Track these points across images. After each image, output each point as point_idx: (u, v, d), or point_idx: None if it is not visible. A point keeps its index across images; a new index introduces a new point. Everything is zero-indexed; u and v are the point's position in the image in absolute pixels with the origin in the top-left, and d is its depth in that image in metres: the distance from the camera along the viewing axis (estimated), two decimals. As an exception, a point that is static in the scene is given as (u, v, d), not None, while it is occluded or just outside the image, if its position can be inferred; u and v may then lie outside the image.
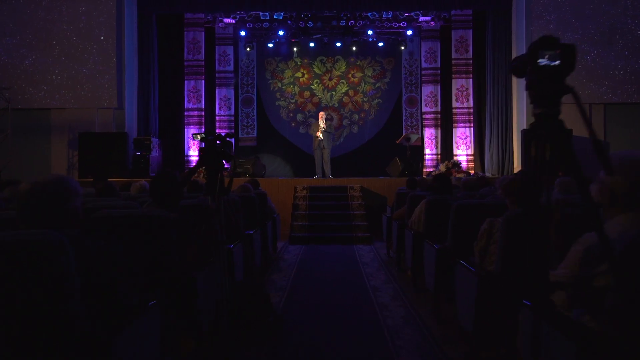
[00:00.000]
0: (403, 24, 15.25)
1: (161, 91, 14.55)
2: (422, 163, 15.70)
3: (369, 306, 5.75)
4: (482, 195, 6.57)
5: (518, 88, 13.58)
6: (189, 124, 14.97)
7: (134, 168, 13.08)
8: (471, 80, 14.96)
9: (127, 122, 13.37)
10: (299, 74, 16.54)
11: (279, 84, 16.54)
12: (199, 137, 13.53)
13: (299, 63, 16.54)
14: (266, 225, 7.83)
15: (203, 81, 15.04)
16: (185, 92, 14.95)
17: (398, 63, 16.53)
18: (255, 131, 16.48)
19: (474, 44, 14.93)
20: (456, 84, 14.99)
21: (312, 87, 16.53)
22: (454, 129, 15.07)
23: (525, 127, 12.98)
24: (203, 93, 15.05)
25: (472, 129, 14.95)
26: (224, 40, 15.73)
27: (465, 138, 14.96)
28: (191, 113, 14.99)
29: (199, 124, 15.02)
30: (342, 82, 16.55)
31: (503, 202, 4.83)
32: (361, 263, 8.20)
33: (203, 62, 15.03)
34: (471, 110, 14.95)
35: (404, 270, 7.43)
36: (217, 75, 15.64)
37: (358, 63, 16.56)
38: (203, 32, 15.04)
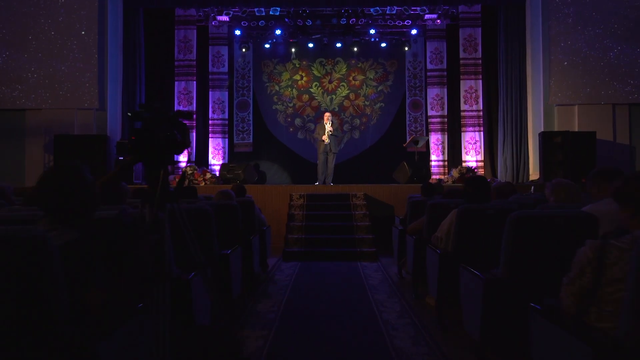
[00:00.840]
0: (407, 22, 13.50)
1: (149, 92, 12.77)
2: (430, 169, 13.90)
3: (382, 353, 3.95)
4: (523, 203, 4.80)
5: (533, 88, 11.81)
6: (179, 128, 13.18)
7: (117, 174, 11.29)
8: (480, 81, 13.19)
9: (109, 124, 11.58)
10: (297, 77, 14.78)
11: (276, 87, 14.77)
12: (130, 115, 11.25)
13: (297, 65, 14.78)
14: (251, 240, 6.01)
15: (195, 82, 13.27)
16: (176, 94, 13.18)
17: (401, 65, 14.77)
18: (251, 136, 14.69)
19: (483, 43, 13.17)
20: (464, 85, 13.22)
21: (311, 90, 14.77)
22: (462, 134, 13.28)
23: (542, 130, 11.22)
24: (194, 95, 13.28)
25: (481, 133, 13.15)
26: (218, 40, 13.97)
27: (475, 143, 13.17)
28: (182, 116, 13.21)
29: (190, 127, 13.23)
30: (343, 85, 14.78)
31: (576, 215, 3.38)
32: (368, 287, 6.35)
33: (195, 62, 13.27)
34: (481, 113, 13.17)
35: (421, 297, 5.62)
36: (210, 77, 13.88)
37: (359, 65, 14.80)
38: (195, 31, 13.29)
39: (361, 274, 7.14)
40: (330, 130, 11.45)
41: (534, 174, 11.63)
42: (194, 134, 13.25)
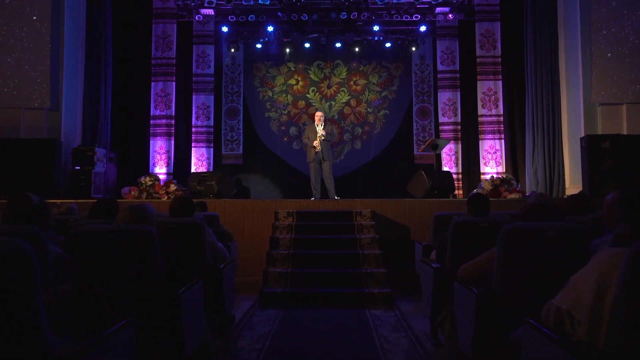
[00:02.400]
0: (416, 16, 10.62)
1: (119, 92, 9.84)
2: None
3: None
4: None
5: (569, 86, 8.87)
6: (155, 135, 10.26)
7: (71, 186, 8.35)
8: (500, 82, 10.28)
9: (64, 127, 8.63)
10: (292, 81, 11.89)
11: (270, 93, 11.88)
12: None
13: (292, 68, 11.91)
14: (180, 297, 2.99)
15: (174, 83, 10.37)
16: (152, 96, 10.27)
17: (407, 68, 11.89)
18: (241, 147, 11.76)
19: (503, 39, 10.30)
20: (482, 87, 10.32)
21: (308, 95, 11.87)
22: (480, 142, 10.34)
23: (583, 134, 8.26)
24: (174, 98, 10.36)
25: (502, 140, 10.21)
26: (204, 38, 11.10)
27: (495, 152, 10.22)
28: (159, 122, 10.29)
29: (168, 134, 10.30)
30: (343, 91, 11.89)
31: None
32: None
33: (174, 61, 10.39)
34: (501, 118, 10.25)
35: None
36: (194, 79, 10.98)
37: (361, 68, 11.92)
38: (175, 25, 10.42)
39: (373, 334, 4.13)
40: (322, 135, 8.49)
41: (572, 186, 8.63)
42: (172, 142, 10.31)
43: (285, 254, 5.78)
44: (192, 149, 10.86)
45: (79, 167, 8.37)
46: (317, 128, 8.55)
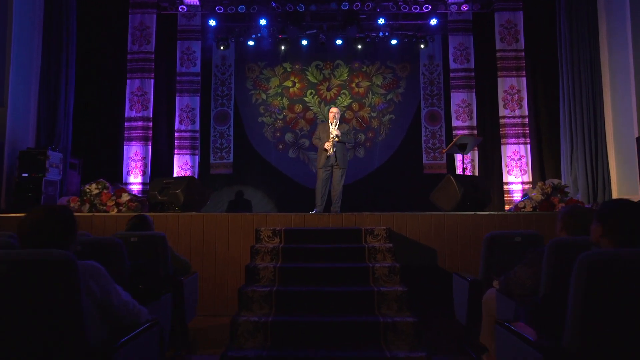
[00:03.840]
0: (426, 7, 8.59)
1: (87, 89, 7.76)
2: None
3: None
4: None
5: (613, 79, 6.78)
6: (130, 139, 8.15)
7: (17, 196, 6.22)
8: (524, 78, 8.20)
9: (10, 125, 6.49)
10: (288, 83, 9.84)
11: (263, 96, 9.82)
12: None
13: (288, 69, 9.86)
14: None
15: (152, 81, 8.28)
16: (127, 95, 8.18)
17: (415, 69, 9.85)
18: (232, 155, 9.66)
19: (525, 30, 8.26)
20: (504, 84, 8.24)
21: (306, 99, 9.81)
22: (502, 147, 8.24)
23: (638, 135, 6.15)
24: (152, 97, 8.27)
25: (528, 145, 8.11)
26: (189, 33, 9.05)
27: (520, 159, 8.10)
28: (134, 124, 8.18)
29: (145, 139, 8.18)
30: (344, 93, 9.84)
31: None
32: None
33: (153, 56, 8.31)
34: (526, 119, 8.16)
35: None
36: (178, 78, 8.91)
37: (364, 69, 9.88)
38: (154, 16, 8.39)
39: None
40: (337, 135, 6.39)
41: (620, 196, 6.47)
42: (150, 147, 8.21)
43: (265, 292, 3.62)
44: (175, 156, 8.75)
45: (26, 174, 6.27)
46: (331, 127, 6.45)
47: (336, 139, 6.36)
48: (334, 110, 6.58)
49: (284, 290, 3.65)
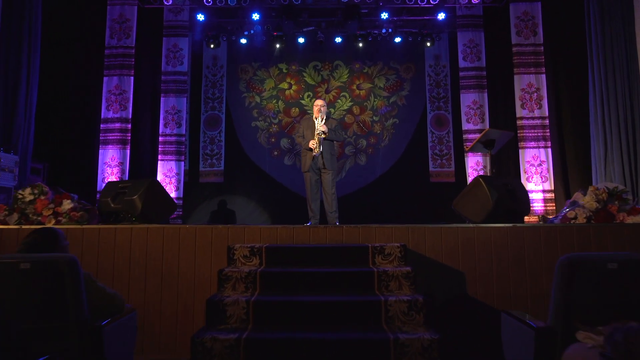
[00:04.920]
0: (434, -1, 7.42)
1: (56, 86, 6.56)
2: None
3: None
4: None
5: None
6: (106, 143, 6.91)
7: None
8: (544, 75, 6.98)
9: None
10: (284, 85, 8.65)
11: (257, 99, 8.63)
12: None
13: (284, 70, 8.68)
14: None
15: (131, 79, 7.06)
16: (104, 94, 6.97)
17: (420, 70, 8.67)
18: (223, 162, 8.44)
19: (544, 23, 7.07)
20: (521, 82, 7.01)
21: (303, 102, 8.62)
22: (520, 151, 6.99)
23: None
24: (131, 96, 7.04)
25: (549, 149, 6.87)
26: (176, 29, 7.86)
27: (540, 164, 6.85)
28: (111, 125, 6.95)
29: (123, 142, 6.94)
30: (344, 96, 8.65)
31: None
32: None
33: (133, 51, 7.11)
34: (546, 120, 6.92)
35: None
36: (163, 77, 7.70)
37: (365, 70, 8.69)
38: (135, 8, 7.22)
39: None
40: (323, 132, 5.15)
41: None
42: (128, 151, 6.97)
43: (232, 341, 2.34)
44: (158, 162, 7.52)
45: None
46: (316, 122, 5.21)
47: (322, 136, 5.10)
48: (319, 102, 5.34)
49: (259, 339, 2.38)
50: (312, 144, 5.08)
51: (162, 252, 3.32)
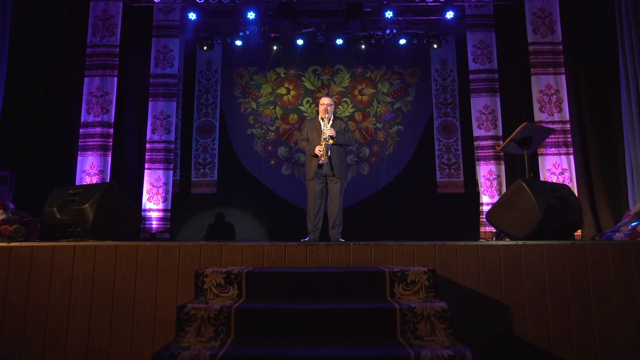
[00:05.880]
0: (442, -4, 6.60)
1: (26, 86, 5.70)
2: (479, 218, 6.68)
3: None
4: None
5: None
6: (85, 148, 6.03)
7: None
8: (563, 76, 6.12)
9: None
10: (282, 90, 7.82)
11: (253, 104, 7.79)
12: None
13: (282, 75, 7.86)
14: None
15: (115, 79, 6.20)
16: (84, 96, 6.10)
17: (426, 74, 7.85)
18: (216, 172, 7.57)
19: (563, 20, 6.26)
20: (538, 83, 6.15)
21: (301, 108, 7.77)
22: (539, 158, 6.10)
23: None
24: (114, 99, 6.17)
25: (571, 156, 5.99)
26: (166, 29, 7.03)
27: (562, 172, 5.95)
28: (91, 130, 6.08)
29: (104, 148, 6.05)
30: (345, 102, 7.81)
31: None
32: None
33: (117, 50, 6.26)
34: (567, 125, 6.05)
35: None
36: (152, 80, 6.84)
37: (368, 75, 7.87)
38: (120, 4, 6.40)
39: None
40: (331, 136, 4.25)
41: None
42: (109, 158, 6.08)
43: None
44: (145, 171, 6.64)
45: None
46: (322, 124, 4.33)
47: (330, 142, 4.22)
48: (325, 101, 4.45)
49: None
50: (319, 150, 4.19)
51: (113, 278, 2.43)
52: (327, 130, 4.23)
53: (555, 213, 2.68)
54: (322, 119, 4.31)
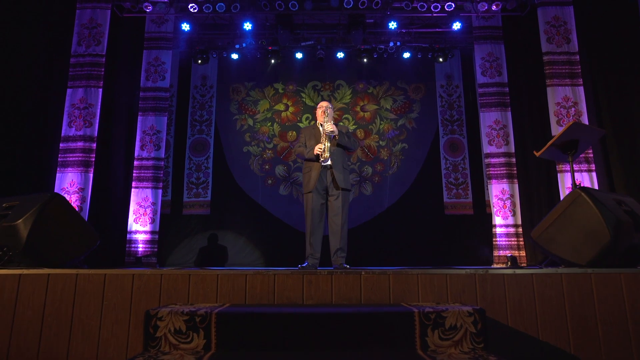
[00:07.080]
0: (449, 5, 6.04)
1: (6, 98, 5.11)
2: (492, 241, 5.99)
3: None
4: None
5: None
6: (65, 165, 5.37)
7: None
8: (581, 87, 5.54)
9: None
10: (280, 106, 7.24)
11: (250, 121, 7.19)
12: None
13: (280, 90, 7.29)
14: None
15: (100, 91, 5.61)
16: (66, 109, 5.49)
17: (430, 91, 7.29)
18: (210, 192, 6.91)
19: (579, 29, 5.71)
20: (555, 95, 5.54)
21: (300, 125, 7.17)
22: (558, 175, 5.45)
23: None
24: (98, 111, 5.53)
25: (593, 173, 5.34)
26: (158, 41, 6.48)
27: (585, 191, 5.33)
28: (72, 145, 5.43)
29: (85, 164, 5.39)
30: (347, 118, 7.21)
31: None
32: None
33: (103, 60, 5.67)
34: (588, 140, 5.44)
35: None
36: (142, 94, 6.26)
37: (370, 90, 7.30)
38: (108, 12, 5.86)
39: None
40: (333, 131, 3.56)
41: None
42: (91, 176, 5.41)
43: None
44: (132, 189, 5.97)
45: None
46: (321, 128, 3.68)
47: (333, 135, 3.57)
48: (323, 104, 3.79)
49: None
50: (319, 147, 3.54)
51: (41, 321, 1.74)
52: (328, 125, 3.59)
53: (628, 232, 2.00)
54: (321, 125, 3.68)
